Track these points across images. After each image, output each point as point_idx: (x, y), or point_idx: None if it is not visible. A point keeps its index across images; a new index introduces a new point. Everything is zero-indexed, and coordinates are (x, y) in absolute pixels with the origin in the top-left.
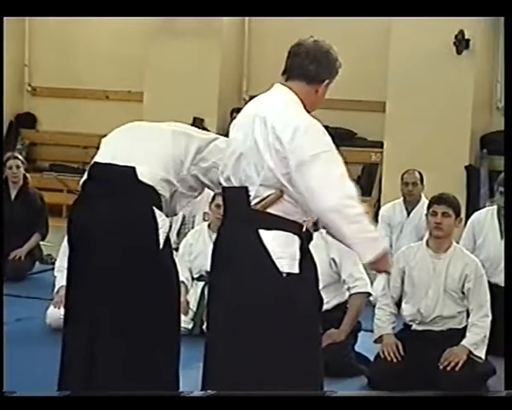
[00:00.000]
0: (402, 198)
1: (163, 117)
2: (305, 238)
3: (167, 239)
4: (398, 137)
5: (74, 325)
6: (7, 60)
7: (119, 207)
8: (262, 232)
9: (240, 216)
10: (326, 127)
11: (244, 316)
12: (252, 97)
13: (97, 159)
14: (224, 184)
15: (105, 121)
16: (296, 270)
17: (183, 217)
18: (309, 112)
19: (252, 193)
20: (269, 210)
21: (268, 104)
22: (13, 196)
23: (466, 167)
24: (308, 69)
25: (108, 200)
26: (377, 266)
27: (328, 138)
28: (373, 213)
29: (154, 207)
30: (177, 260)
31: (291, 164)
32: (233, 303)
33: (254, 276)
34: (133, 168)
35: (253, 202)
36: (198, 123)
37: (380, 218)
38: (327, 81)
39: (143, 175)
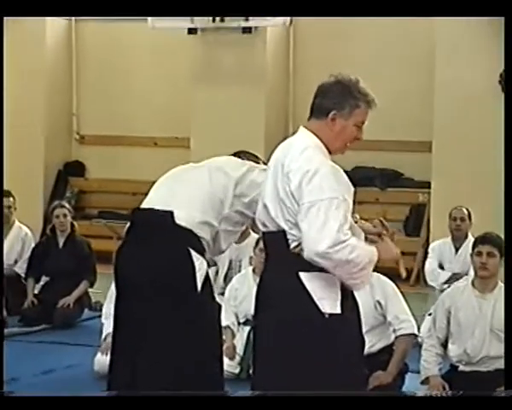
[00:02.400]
0: (450, 236)
1: None
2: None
3: (206, 281)
4: (445, 176)
5: (117, 372)
6: (55, 109)
7: (156, 252)
8: (302, 275)
9: (280, 259)
10: (372, 168)
11: (288, 358)
12: None
13: (141, 205)
14: (261, 228)
15: (153, 167)
16: (338, 310)
17: (230, 261)
18: (331, 152)
19: (289, 236)
20: None
21: (288, 153)
22: (61, 244)
23: None
24: (315, 104)
25: (147, 245)
26: (384, 259)
27: (336, 184)
28: (422, 254)
29: (192, 250)
30: (223, 304)
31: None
32: (277, 345)
33: (297, 318)
34: (171, 212)
35: (292, 245)
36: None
37: (430, 250)
38: (334, 113)
39: (180, 219)
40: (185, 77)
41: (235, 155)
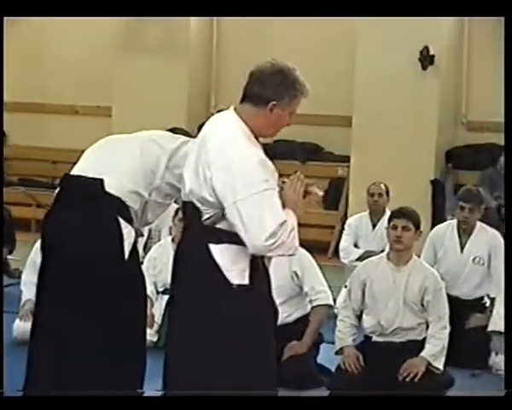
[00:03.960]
0: (368, 211)
1: (131, 131)
2: None
3: (134, 250)
4: (364, 151)
5: (41, 335)
6: None
7: (85, 218)
8: (212, 246)
9: (193, 230)
10: (293, 142)
11: (198, 330)
12: (220, 112)
13: (71, 172)
14: (183, 198)
15: (74, 136)
16: (246, 281)
17: (149, 230)
18: (258, 137)
19: (202, 208)
20: (218, 225)
21: (213, 138)
22: None
23: (431, 181)
24: (252, 90)
25: (76, 210)
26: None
27: (263, 174)
28: (340, 227)
29: (120, 218)
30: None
31: (223, 205)
32: (187, 316)
33: (206, 289)
34: (101, 180)
35: (203, 218)
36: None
37: (346, 226)
38: (273, 102)
39: (110, 187)
40: (108, 45)
41: (168, 130)
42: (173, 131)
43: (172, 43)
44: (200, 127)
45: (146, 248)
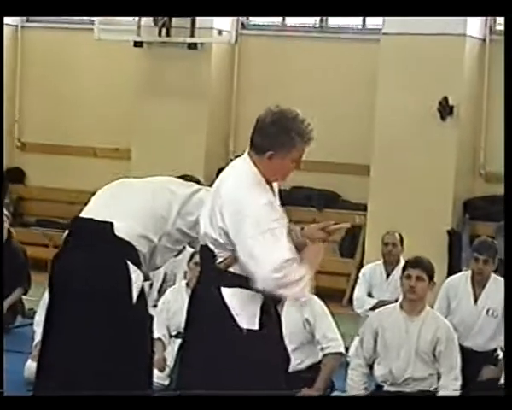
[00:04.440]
0: (382, 260)
1: (150, 174)
2: (269, 296)
3: (142, 293)
4: (381, 200)
5: (46, 375)
6: None
7: (94, 260)
8: (224, 290)
9: (207, 274)
10: (311, 189)
11: (209, 371)
12: (238, 157)
13: (81, 214)
14: (201, 242)
15: (92, 178)
16: (256, 327)
17: (165, 274)
18: (270, 181)
19: (216, 252)
20: (231, 269)
21: (227, 182)
22: None
23: (448, 232)
24: (254, 139)
25: (85, 253)
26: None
27: (271, 214)
28: (355, 276)
29: (129, 262)
30: (155, 316)
31: (234, 245)
32: (198, 359)
33: (217, 332)
34: (110, 223)
35: (217, 261)
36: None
37: (361, 275)
38: (270, 153)
39: (120, 230)
40: (129, 89)
41: (179, 177)
42: (184, 178)
43: (192, 86)
44: (218, 172)
45: (161, 292)
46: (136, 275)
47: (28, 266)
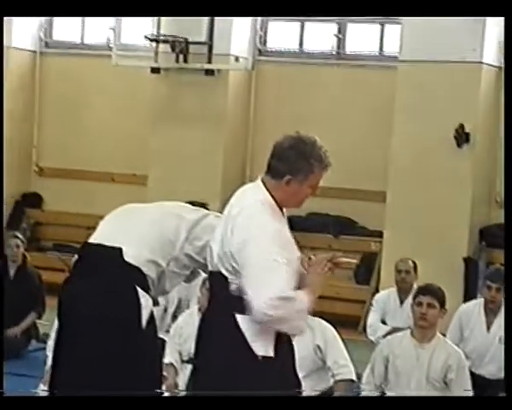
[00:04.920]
0: (396, 287)
1: (166, 201)
2: None
3: (151, 319)
4: (397, 226)
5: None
6: (16, 140)
7: (102, 286)
8: (238, 317)
9: (220, 300)
10: (326, 215)
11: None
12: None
13: (89, 239)
14: (210, 267)
15: (109, 203)
16: (271, 353)
17: (179, 300)
18: (282, 208)
19: (229, 278)
20: (246, 295)
21: (238, 207)
22: (11, 275)
23: (464, 259)
24: (271, 164)
25: (94, 278)
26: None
27: (276, 247)
28: (370, 303)
29: (138, 287)
30: (167, 341)
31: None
32: (212, 387)
33: (231, 359)
34: (119, 249)
35: (231, 288)
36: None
37: (374, 302)
38: (288, 177)
39: (128, 256)
40: (146, 115)
41: (187, 203)
42: (192, 203)
43: (209, 112)
44: None
45: (175, 318)
46: (145, 300)
47: (43, 291)
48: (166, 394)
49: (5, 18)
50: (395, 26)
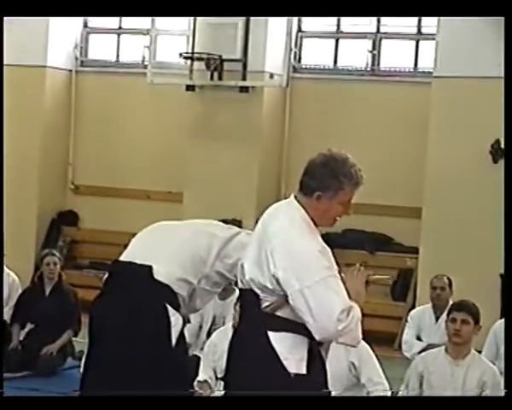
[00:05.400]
0: (431, 303)
1: (202, 218)
2: (315, 341)
3: (181, 337)
4: (433, 243)
5: None
6: (52, 158)
7: (133, 304)
8: (271, 334)
9: (251, 317)
10: (362, 232)
11: None
12: None
13: (120, 257)
14: (240, 285)
15: (145, 220)
16: (303, 371)
17: (214, 317)
18: (318, 226)
19: (261, 296)
20: (278, 313)
21: (274, 226)
22: (47, 292)
23: (501, 275)
24: (303, 181)
25: (124, 296)
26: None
27: (323, 261)
28: (405, 319)
29: (168, 305)
30: (202, 358)
31: (286, 292)
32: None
33: (264, 376)
34: (149, 267)
35: (263, 305)
36: (235, 225)
37: (409, 318)
38: (318, 193)
39: (159, 274)
40: (181, 132)
41: (220, 221)
42: (224, 221)
43: (244, 130)
44: None
45: (209, 335)
46: (175, 318)
47: (79, 309)
48: None
49: (40, 38)
50: (429, 42)
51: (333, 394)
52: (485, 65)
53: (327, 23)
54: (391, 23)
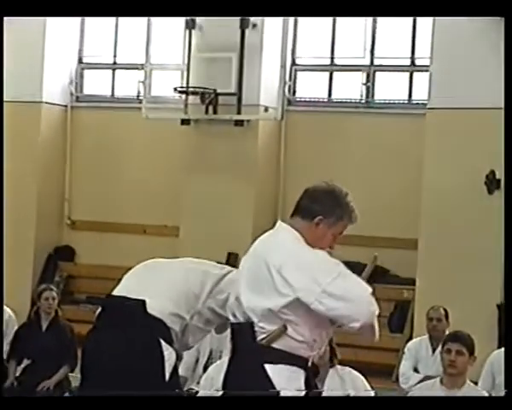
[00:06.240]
0: (427, 335)
1: (198, 251)
2: (312, 372)
3: (174, 371)
4: (430, 274)
5: None
6: (48, 193)
7: (125, 338)
8: (268, 367)
9: (246, 351)
10: (358, 263)
11: None
12: None
13: (113, 292)
14: (232, 319)
15: (141, 255)
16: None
17: (211, 351)
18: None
19: (257, 328)
20: (274, 345)
21: (272, 248)
22: (44, 327)
23: (498, 305)
24: (303, 204)
25: (117, 331)
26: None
27: (334, 261)
28: (403, 351)
29: (161, 340)
30: (199, 392)
31: (306, 300)
32: None
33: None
34: (143, 301)
35: (258, 337)
36: (232, 259)
37: (406, 350)
38: (320, 217)
39: (152, 308)
40: (177, 166)
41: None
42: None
43: (239, 163)
44: None
45: (206, 369)
46: (168, 353)
47: (75, 344)
48: None
49: (35, 74)
50: (423, 74)
51: None
52: (479, 96)
53: (321, 56)
54: (385, 55)
